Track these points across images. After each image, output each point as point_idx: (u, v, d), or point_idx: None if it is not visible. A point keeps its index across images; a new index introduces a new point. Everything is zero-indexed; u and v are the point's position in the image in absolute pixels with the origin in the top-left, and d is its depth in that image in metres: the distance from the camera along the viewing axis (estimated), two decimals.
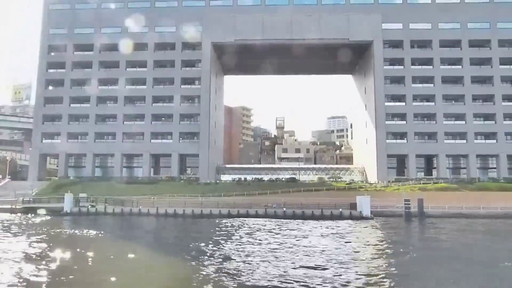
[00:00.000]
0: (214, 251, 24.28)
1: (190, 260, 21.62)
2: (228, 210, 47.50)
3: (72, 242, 28.60)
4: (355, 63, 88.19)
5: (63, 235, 32.82)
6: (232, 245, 26.82)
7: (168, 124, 76.73)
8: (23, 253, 23.14)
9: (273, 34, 75.92)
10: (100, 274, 18.68)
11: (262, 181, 70.23)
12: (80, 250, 24.62)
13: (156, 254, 24.42)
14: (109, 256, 23.48)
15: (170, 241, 30.74)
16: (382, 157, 72.61)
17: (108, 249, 25.90)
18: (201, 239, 28.99)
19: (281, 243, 27.91)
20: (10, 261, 21.03)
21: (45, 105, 78.46)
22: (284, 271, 19.13)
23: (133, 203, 51.44)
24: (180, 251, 24.60)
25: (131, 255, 23.44)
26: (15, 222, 40.92)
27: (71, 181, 70.67)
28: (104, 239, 31.17)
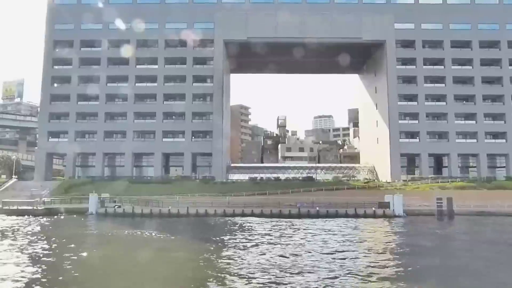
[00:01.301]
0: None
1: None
2: (261, 210, 46.80)
3: (165, 246, 27.04)
4: (363, 63, 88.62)
5: (138, 239, 30.56)
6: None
7: (180, 123, 75.43)
8: (131, 261, 21.38)
9: (285, 33, 75.43)
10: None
11: (278, 180, 69.76)
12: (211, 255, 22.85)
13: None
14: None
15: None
16: (396, 156, 73.11)
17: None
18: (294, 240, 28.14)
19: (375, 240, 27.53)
20: (133, 273, 18.95)
21: (51, 102, 76.04)
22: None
23: (158, 203, 50.18)
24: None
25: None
26: (55, 224, 39.36)
27: (82, 181, 68.72)
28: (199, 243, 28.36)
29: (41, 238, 29.36)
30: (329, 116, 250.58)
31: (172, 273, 18.48)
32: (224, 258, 21.52)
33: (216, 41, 76.05)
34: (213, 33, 76.39)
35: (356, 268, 19.34)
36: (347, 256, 22.22)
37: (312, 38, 75.91)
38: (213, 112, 75.13)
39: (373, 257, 22.53)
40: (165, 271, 18.67)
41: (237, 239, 28.33)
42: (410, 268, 19.64)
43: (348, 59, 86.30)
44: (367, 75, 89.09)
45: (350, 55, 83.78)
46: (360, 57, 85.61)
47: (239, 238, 29.13)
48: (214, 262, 20.77)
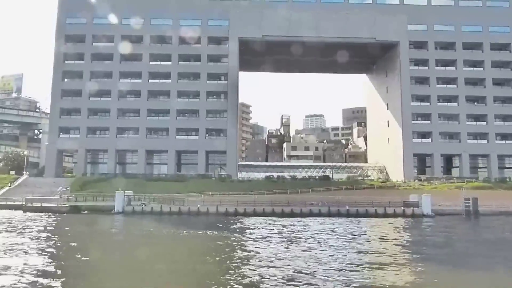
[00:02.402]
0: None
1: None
2: (290, 209, 46.72)
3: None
4: (373, 63, 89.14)
5: (190, 238, 29.41)
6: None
7: (194, 120, 74.81)
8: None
9: (300, 31, 75.30)
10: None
11: (295, 179, 69.76)
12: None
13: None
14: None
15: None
16: (409, 156, 73.79)
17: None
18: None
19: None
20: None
21: (62, 98, 74.63)
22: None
23: (184, 202, 49.68)
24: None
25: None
26: (90, 223, 38.63)
27: (96, 178, 67.66)
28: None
29: (92, 239, 28.83)
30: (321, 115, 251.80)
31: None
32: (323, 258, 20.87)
33: (231, 39, 75.58)
34: (227, 31, 75.95)
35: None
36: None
37: (327, 38, 76.16)
38: (227, 110, 74.68)
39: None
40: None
41: (307, 241, 27.48)
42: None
43: (358, 59, 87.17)
44: (376, 75, 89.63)
45: (360, 55, 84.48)
46: (369, 57, 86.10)
47: (308, 239, 28.21)
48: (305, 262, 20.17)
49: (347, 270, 17.40)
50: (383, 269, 18.29)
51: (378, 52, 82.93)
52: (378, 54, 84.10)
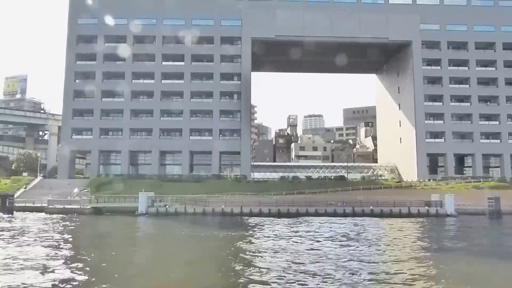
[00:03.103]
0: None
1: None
2: (315, 209, 46.58)
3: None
4: (383, 63, 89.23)
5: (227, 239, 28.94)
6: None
7: (208, 121, 74.61)
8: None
9: (312, 32, 75.27)
10: None
11: (310, 179, 69.66)
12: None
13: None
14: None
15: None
16: (422, 156, 73.90)
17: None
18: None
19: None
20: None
21: (74, 99, 74.20)
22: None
23: (205, 202, 49.44)
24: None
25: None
26: (119, 225, 38.45)
27: (111, 179, 67.25)
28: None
29: (137, 241, 28.62)
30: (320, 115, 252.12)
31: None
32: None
33: (243, 39, 75.42)
34: (240, 31, 75.77)
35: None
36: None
37: (339, 38, 76.17)
38: (240, 110, 74.51)
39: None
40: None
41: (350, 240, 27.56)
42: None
43: (368, 59, 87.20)
44: (387, 75, 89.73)
45: (370, 55, 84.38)
46: (380, 57, 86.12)
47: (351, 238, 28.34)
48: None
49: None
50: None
51: (389, 52, 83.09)
52: (389, 54, 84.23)
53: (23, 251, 21.54)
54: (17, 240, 25.80)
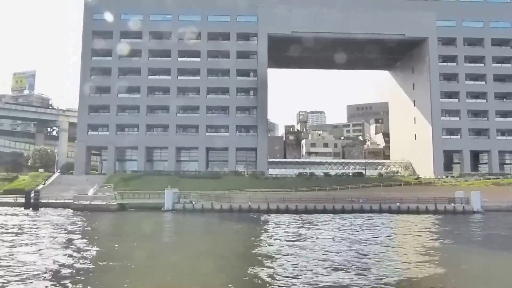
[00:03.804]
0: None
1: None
2: (342, 206, 46.54)
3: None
4: (397, 59, 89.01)
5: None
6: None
7: (224, 117, 74.47)
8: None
9: (329, 28, 75.07)
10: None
11: (328, 176, 69.67)
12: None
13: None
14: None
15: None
16: (438, 153, 73.87)
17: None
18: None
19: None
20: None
21: (90, 95, 73.94)
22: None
23: (230, 199, 49.42)
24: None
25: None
26: (151, 221, 38.14)
27: (129, 175, 67.25)
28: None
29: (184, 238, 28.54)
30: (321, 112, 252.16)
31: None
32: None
33: (260, 35, 75.21)
34: (256, 27, 75.55)
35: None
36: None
37: (355, 34, 75.98)
38: (257, 107, 74.37)
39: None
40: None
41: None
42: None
43: (382, 55, 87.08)
44: (400, 72, 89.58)
45: (384, 51, 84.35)
46: (394, 53, 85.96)
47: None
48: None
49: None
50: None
51: (403, 48, 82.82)
52: (404, 51, 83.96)
53: (85, 250, 21.51)
54: (67, 237, 25.72)
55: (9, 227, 30.52)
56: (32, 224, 32.68)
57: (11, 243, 22.80)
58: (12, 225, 31.70)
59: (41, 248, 21.26)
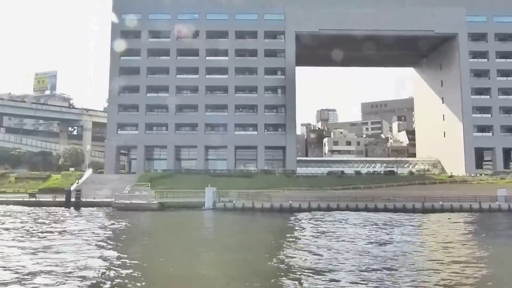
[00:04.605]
0: None
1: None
2: (384, 204, 46.07)
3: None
4: (424, 56, 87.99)
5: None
6: None
7: (252, 116, 74.36)
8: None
9: (357, 25, 74.42)
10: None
11: (359, 174, 69.18)
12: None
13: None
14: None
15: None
16: (470, 150, 72.89)
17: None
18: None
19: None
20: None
21: (119, 94, 74.33)
22: None
23: (269, 197, 49.24)
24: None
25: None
26: (202, 220, 38.30)
27: (160, 174, 67.42)
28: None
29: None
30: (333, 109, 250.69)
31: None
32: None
33: (287, 33, 74.94)
34: (283, 25, 75.29)
35: None
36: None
37: (384, 31, 75.27)
38: (285, 105, 74.11)
39: None
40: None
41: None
42: None
43: (408, 52, 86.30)
44: (427, 69, 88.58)
45: (411, 48, 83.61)
46: (421, 50, 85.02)
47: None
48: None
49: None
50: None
51: (431, 45, 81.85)
52: (431, 47, 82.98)
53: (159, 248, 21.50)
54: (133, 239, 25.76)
55: (75, 231, 27.64)
56: (95, 226, 31.91)
57: (105, 249, 21.01)
58: (78, 229, 28.56)
59: (140, 252, 20.82)
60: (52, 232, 27.11)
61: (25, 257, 18.21)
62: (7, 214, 40.28)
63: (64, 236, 25.85)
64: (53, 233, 26.47)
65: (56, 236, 25.30)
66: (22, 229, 28.10)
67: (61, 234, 26.59)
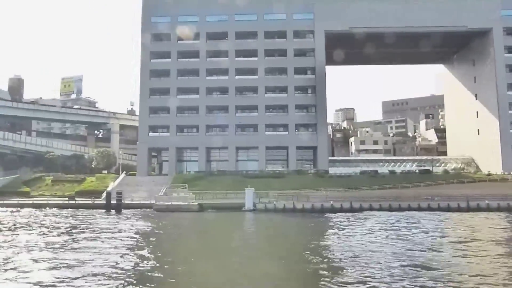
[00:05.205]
0: None
1: None
2: (428, 204, 45.32)
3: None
4: (454, 51, 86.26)
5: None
6: None
7: (282, 115, 74.07)
8: None
9: (387, 22, 73.48)
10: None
11: (393, 173, 68.14)
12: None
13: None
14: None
15: None
16: (507, 148, 70.99)
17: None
18: None
19: None
20: None
21: (150, 97, 74.94)
22: None
23: (308, 198, 48.92)
24: None
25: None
26: (251, 222, 38.23)
27: (193, 176, 67.69)
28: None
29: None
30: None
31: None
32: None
33: (316, 32, 74.39)
34: (312, 24, 74.79)
35: None
36: None
37: (415, 28, 74.05)
38: (316, 105, 73.55)
39: None
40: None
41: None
42: None
43: (438, 48, 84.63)
44: (458, 65, 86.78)
45: (441, 44, 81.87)
46: (451, 46, 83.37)
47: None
48: None
49: None
50: None
51: (462, 40, 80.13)
52: (462, 43, 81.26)
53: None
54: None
55: (139, 240, 25.84)
56: (155, 230, 31.85)
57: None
58: (142, 239, 26.55)
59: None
60: (122, 238, 25.52)
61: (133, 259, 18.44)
62: (58, 216, 40.80)
63: (140, 241, 25.39)
64: (124, 240, 24.88)
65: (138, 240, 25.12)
66: (98, 233, 27.56)
67: (136, 240, 25.64)
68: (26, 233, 27.27)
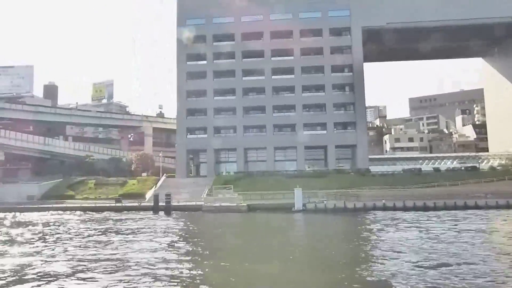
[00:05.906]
0: None
1: None
2: (485, 202, 43.82)
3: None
4: (495, 44, 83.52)
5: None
6: None
7: (320, 114, 73.24)
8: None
9: (427, 16, 71.71)
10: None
11: (438, 171, 66.36)
12: None
13: None
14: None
15: None
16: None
17: None
18: None
19: None
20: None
21: (187, 99, 75.34)
22: None
23: (358, 197, 48.09)
24: None
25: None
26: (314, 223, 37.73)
27: (234, 176, 67.44)
28: None
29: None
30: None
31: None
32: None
33: (353, 29, 73.26)
34: (348, 21, 73.70)
35: None
36: None
37: (455, 21, 72.01)
38: (355, 103, 72.41)
39: None
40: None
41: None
42: None
43: (478, 41, 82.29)
44: (500, 58, 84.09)
45: (481, 37, 79.58)
46: (492, 38, 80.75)
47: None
48: None
49: None
50: None
51: (505, 32, 77.39)
52: (505, 35, 78.47)
53: None
54: None
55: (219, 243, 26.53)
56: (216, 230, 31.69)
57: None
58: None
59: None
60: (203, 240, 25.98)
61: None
62: (124, 220, 40.00)
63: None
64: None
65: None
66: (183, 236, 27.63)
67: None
68: (136, 239, 26.87)
